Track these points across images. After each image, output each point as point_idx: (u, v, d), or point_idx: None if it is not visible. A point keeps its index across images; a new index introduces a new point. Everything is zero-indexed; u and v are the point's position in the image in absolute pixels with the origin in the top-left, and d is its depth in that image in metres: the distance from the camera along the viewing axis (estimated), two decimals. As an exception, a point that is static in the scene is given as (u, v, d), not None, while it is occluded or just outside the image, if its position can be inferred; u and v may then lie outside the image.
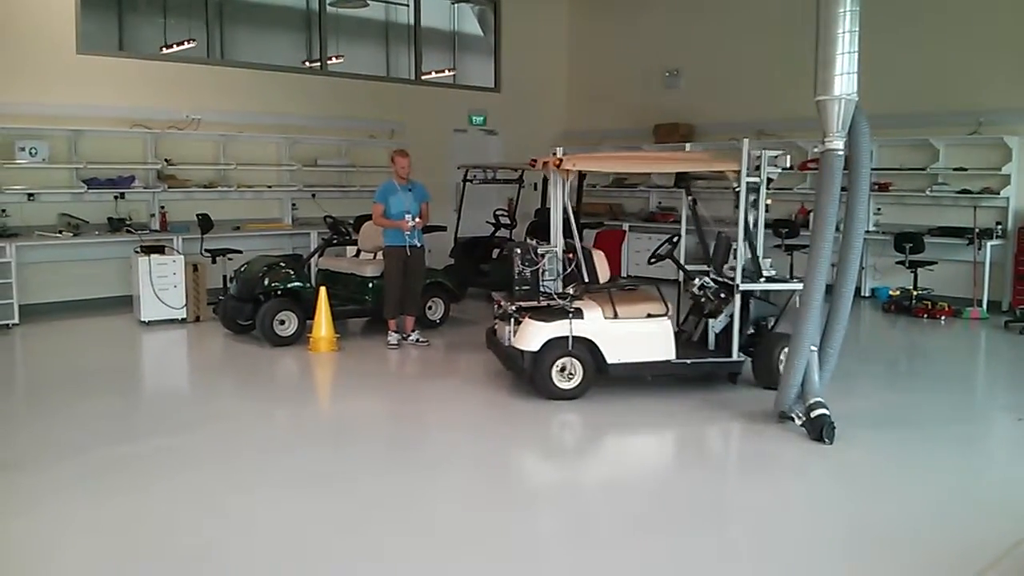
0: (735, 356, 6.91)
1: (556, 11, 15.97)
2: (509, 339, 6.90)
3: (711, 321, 7.04)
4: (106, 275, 10.49)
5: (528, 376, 6.77)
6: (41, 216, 10.21)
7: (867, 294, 11.59)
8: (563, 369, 6.66)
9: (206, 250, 10.09)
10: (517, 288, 6.96)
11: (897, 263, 10.87)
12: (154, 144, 10.98)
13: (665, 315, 6.85)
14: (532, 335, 6.64)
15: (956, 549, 4.32)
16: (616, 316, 6.74)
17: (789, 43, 11.42)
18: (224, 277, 10.11)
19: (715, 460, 6.04)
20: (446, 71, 15.22)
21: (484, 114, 14.91)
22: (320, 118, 12.56)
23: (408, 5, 14.28)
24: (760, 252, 6.91)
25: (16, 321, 9.32)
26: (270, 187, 12.17)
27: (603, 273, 7.21)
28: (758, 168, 6.76)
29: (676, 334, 7.16)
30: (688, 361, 6.89)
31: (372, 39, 14.64)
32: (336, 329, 8.58)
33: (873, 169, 6.47)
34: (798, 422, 5.89)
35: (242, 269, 9.10)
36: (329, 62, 13.16)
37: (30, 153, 9.88)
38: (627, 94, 14.90)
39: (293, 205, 12.35)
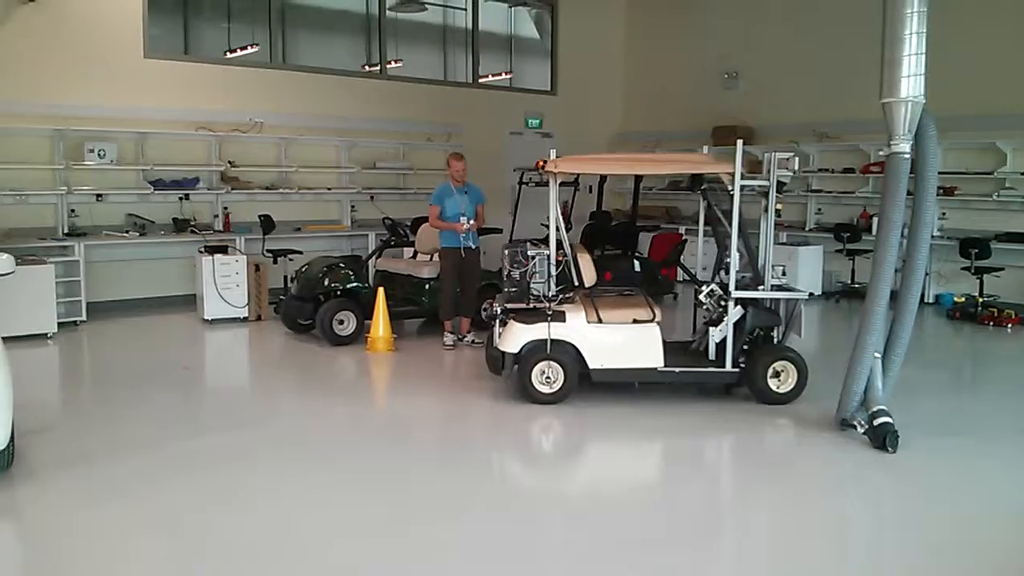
0: (728, 367, 6.67)
1: (613, 14, 15.93)
2: (495, 341, 6.87)
3: (711, 330, 6.77)
4: (171, 274, 10.77)
5: (515, 379, 6.71)
6: (109, 216, 10.50)
7: (931, 300, 11.32)
8: (543, 373, 6.58)
9: (268, 250, 10.26)
10: (506, 290, 6.87)
11: (962, 269, 10.62)
12: (218, 146, 11.22)
13: (653, 321, 6.67)
14: (514, 337, 6.60)
15: (1019, 563, 4.22)
16: (600, 320, 6.62)
17: (851, 44, 11.26)
18: (285, 277, 10.29)
19: (776, 468, 5.95)
20: (503, 74, 15.29)
21: (540, 117, 14.94)
22: (379, 121, 12.72)
23: (466, 9, 14.39)
24: (769, 258, 6.67)
25: (84, 318, 9.58)
26: (330, 189, 12.36)
27: (588, 276, 6.95)
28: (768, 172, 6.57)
29: (687, 343, 7.08)
30: (676, 370, 6.68)
31: (430, 43, 14.75)
32: (393, 329, 8.68)
33: (938, 173, 6.32)
34: (860, 430, 5.81)
35: (303, 269, 9.24)
36: (388, 66, 13.30)
37: (99, 155, 10.17)
38: (684, 96, 14.79)
39: (352, 207, 12.53)
